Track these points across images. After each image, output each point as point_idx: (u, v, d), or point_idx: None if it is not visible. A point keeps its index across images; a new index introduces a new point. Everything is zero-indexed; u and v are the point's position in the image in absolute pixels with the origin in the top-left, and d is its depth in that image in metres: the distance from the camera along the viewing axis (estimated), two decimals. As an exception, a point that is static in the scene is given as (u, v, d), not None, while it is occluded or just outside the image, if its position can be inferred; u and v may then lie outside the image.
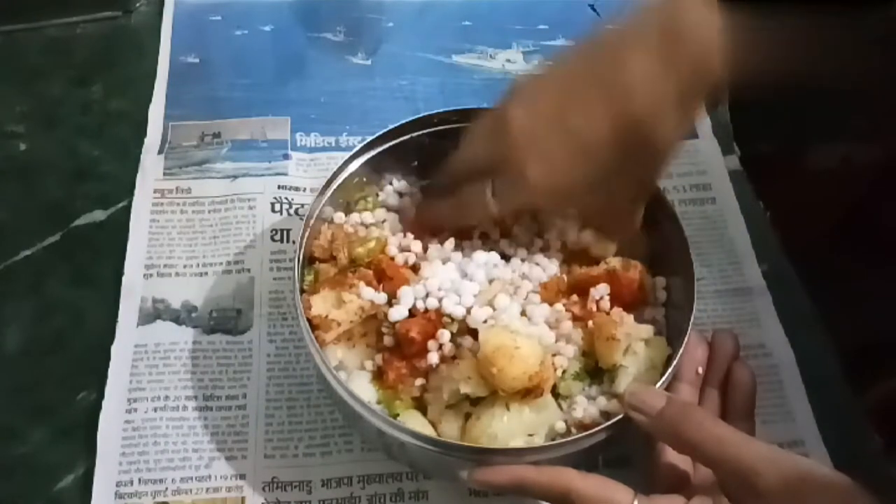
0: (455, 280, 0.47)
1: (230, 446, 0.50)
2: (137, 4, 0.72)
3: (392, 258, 0.48)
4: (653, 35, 0.42)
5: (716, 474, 0.40)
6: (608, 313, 0.46)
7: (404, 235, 0.50)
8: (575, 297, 0.48)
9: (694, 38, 0.41)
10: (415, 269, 0.48)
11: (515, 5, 0.75)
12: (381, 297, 0.46)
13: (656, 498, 0.41)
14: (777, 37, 0.41)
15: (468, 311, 0.45)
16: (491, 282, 0.47)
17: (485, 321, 0.45)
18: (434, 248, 0.49)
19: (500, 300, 0.46)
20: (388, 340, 0.46)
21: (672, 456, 0.44)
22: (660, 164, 0.45)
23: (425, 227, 0.50)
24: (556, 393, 0.46)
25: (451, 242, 0.49)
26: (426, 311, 0.46)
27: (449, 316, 0.45)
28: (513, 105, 0.45)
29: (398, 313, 0.45)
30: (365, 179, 0.53)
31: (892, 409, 0.56)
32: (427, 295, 0.46)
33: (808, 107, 0.55)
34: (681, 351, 0.44)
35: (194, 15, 0.72)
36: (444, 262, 0.48)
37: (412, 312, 0.46)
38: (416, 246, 0.49)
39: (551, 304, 0.47)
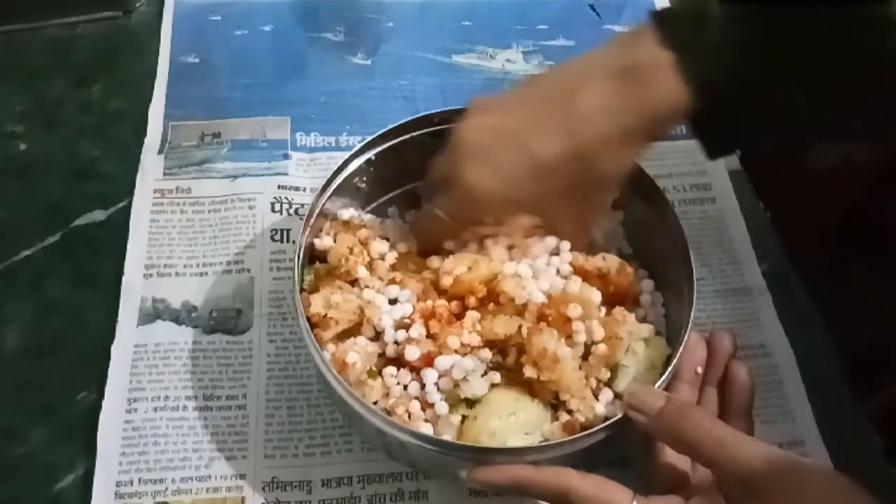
0: None
1: (230, 446, 0.50)
2: (137, 4, 0.72)
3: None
4: (612, 70, 0.43)
5: (714, 475, 0.40)
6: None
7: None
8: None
9: (646, 77, 0.42)
10: None
11: (515, 5, 0.75)
12: (380, 298, 0.46)
13: (655, 499, 0.41)
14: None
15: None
16: None
17: None
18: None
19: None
20: (390, 350, 0.46)
21: (671, 456, 0.44)
22: (601, 192, 0.47)
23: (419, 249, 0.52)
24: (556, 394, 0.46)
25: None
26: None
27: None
28: (467, 120, 0.46)
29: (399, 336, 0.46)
30: (365, 178, 0.53)
31: (892, 414, 0.56)
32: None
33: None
34: (680, 351, 0.44)
35: (194, 15, 0.72)
36: None
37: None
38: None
39: None
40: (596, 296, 0.46)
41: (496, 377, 0.45)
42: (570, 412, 0.44)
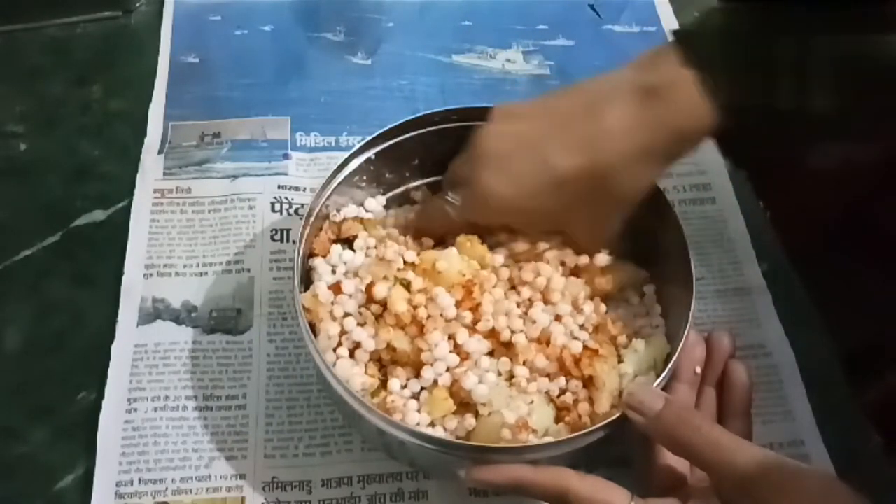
0: None
1: (230, 446, 0.50)
2: (137, 4, 0.72)
3: None
4: (635, 88, 0.44)
5: (711, 478, 0.40)
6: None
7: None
8: None
9: (669, 96, 0.43)
10: None
11: (515, 5, 0.75)
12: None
13: (652, 500, 0.41)
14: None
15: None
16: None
17: None
18: None
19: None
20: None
21: (669, 458, 0.44)
22: (615, 210, 0.47)
23: (416, 232, 0.53)
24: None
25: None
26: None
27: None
28: (489, 125, 0.48)
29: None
30: (365, 178, 0.53)
31: (889, 408, 0.56)
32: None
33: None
34: (679, 350, 0.44)
35: (194, 15, 0.72)
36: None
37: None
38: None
39: None
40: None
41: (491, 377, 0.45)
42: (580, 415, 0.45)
